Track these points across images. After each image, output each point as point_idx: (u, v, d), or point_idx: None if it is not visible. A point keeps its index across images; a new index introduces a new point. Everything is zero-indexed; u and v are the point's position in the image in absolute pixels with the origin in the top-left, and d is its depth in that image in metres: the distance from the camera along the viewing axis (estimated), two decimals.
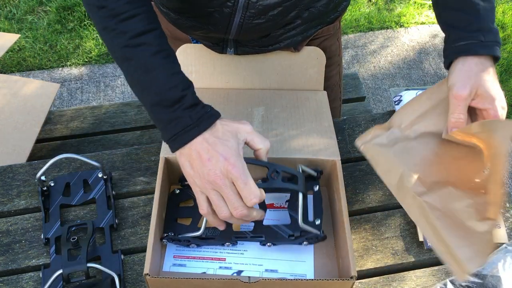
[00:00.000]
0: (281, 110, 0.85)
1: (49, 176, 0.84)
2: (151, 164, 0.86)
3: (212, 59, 0.88)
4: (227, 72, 0.89)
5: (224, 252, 0.73)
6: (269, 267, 0.71)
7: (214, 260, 0.72)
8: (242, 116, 0.83)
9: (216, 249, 0.73)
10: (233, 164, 0.59)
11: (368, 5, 2.49)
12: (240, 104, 0.86)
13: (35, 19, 2.28)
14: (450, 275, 0.73)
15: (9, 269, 0.74)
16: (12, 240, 0.76)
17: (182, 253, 0.72)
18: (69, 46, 2.19)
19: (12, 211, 0.80)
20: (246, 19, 0.75)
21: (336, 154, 0.76)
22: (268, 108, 0.85)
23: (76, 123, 1.29)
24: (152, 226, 0.66)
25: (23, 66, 2.12)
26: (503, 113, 0.66)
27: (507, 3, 2.48)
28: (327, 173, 0.78)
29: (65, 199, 0.80)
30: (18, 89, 1.32)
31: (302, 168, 0.73)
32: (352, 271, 0.62)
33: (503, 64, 2.23)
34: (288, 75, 0.89)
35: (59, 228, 0.76)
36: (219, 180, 0.59)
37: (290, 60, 0.88)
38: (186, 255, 0.72)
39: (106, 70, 2.15)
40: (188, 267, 0.71)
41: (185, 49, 0.87)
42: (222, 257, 0.72)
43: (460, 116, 0.67)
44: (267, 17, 0.76)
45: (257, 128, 0.80)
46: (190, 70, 0.88)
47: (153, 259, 0.65)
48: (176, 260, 0.72)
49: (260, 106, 0.86)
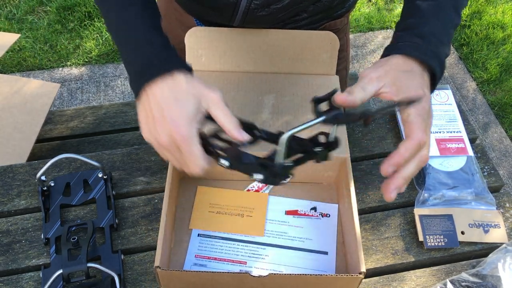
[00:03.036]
0: (292, 97, 0.83)
1: (49, 176, 0.84)
2: (151, 164, 0.86)
3: (223, 43, 0.85)
4: (238, 55, 0.86)
5: (246, 255, 0.73)
6: (290, 271, 0.71)
7: (235, 263, 0.72)
8: (252, 105, 0.81)
9: (238, 251, 0.73)
10: (179, 131, 0.56)
11: (368, 5, 2.49)
12: (250, 91, 0.84)
13: (35, 19, 2.28)
14: (450, 275, 0.73)
15: (9, 269, 0.74)
16: (12, 240, 0.76)
17: (204, 253, 0.73)
18: (69, 46, 2.19)
19: (12, 211, 0.80)
20: (251, 11, 0.76)
21: (346, 150, 0.75)
22: (279, 96, 0.83)
23: (76, 123, 1.29)
24: (162, 220, 0.67)
25: (23, 66, 2.12)
26: (424, 105, 0.55)
27: (507, 3, 2.48)
28: (338, 170, 0.77)
29: (65, 199, 0.80)
30: (18, 89, 1.32)
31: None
32: (361, 267, 0.62)
33: (502, 64, 2.23)
34: (300, 59, 0.86)
35: (59, 228, 0.76)
36: (167, 145, 0.57)
37: (303, 44, 0.85)
38: (208, 256, 0.73)
39: (106, 70, 2.15)
40: (209, 268, 0.72)
41: (194, 32, 0.84)
42: (243, 260, 0.72)
43: (353, 92, 0.55)
44: (271, 9, 0.76)
45: (266, 118, 0.79)
46: (200, 54, 0.86)
47: (163, 253, 0.65)
48: (198, 260, 0.72)
49: (271, 93, 0.83)
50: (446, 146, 0.83)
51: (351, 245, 0.68)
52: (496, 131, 2.03)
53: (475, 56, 2.27)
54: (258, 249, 0.74)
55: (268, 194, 0.80)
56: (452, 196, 0.79)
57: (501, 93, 2.15)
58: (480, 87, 2.18)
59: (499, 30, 2.37)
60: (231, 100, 0.78)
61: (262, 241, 0.74)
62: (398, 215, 0.80)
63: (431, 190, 0.79)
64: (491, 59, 2.25)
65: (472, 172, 0.81)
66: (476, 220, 0.77)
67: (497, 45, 2.31)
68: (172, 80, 0.57)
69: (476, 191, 0.79)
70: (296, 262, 0.73)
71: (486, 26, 2.38)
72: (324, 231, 0.76)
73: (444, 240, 0.75)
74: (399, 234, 0.78)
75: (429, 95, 0.57)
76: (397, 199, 0.82)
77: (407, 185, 0.61)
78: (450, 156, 0.82)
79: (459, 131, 0.85)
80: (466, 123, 0.90)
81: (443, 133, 0.85)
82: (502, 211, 0.80)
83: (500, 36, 2.33)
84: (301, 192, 0.80)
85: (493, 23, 2.39)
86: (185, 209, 0.78)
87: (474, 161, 0.82)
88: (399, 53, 0.58)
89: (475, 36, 2.35)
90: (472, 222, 0.77)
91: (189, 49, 0.85)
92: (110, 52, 2.19)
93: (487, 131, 2.03)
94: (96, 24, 2.26)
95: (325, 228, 0.76)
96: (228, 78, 0.86)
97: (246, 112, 0.80)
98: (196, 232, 0.75)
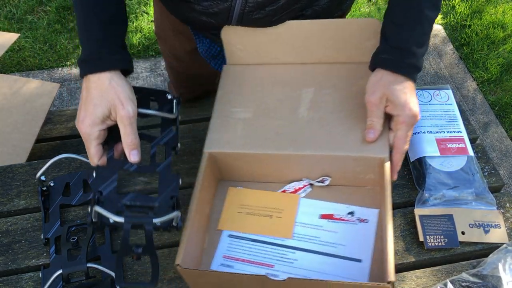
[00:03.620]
0: (332, 91, 0.80)
1: (49, 176, 0.84)
2: None
3: (259, 36, 0.83)
4: (276, 47, 0.84)
5: (274, 259, 0.71)
6: (317, 277, 0.68)
7: (262, 266, 0.71)
8: (289, 101, 0.79)
9: (266, 254, 0.72)
10: (81, 129, 0.64)
11: (368, 5, 2.49)
12: (289, 84, 0.82)
13: (35, 19, 2.28)
14: (451, 275, 0.73)
15: (9, 269, 0.73)
16: (12, 240, 0.76)
17: (232, 254, 0.72)
18: (69, 46, 2.19)
19: (12, 211, 0.80)
20: (246, 14, 0.76)
21: (386, 151, 0.71)
22: (318, 89, 0.80)
23: None
24: (189, 219, 0.66)
25: (23, 66, 2.12)
26: (412, 120, 0.70)
27: (507, 3, 2.48)
28: (377, 172, 0.74)
29: (65, 199, 0.80)
30: (18, 89, 1.31)
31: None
32: (390, 276, 0.59)
33: (503, 64, 2.23)
34: (341, 48, 0.83)
35: (59, 228, 0.76)
36: (80, 132, 0.66)
37: (344, 32, 0.82)
38: (236, 257, 0.72)
39: None
40: (236, 269, 0.71)
41: (227, 31, 0.83)
42: (270, 263, 0.71)
43: (372, 120, 0.71)
44: (266, 11, 0.76)
45: (302, 115, 0.77)
46: (238, 48, 0.85)
47: (186, 252, 0.64)
48: (225, 261, 0.72)
49: (310, 87, 0.81)
50: (446, 146, 0.83)
51: (383, 252, 0.66)
52: (497, 131, 2.03)
53: (476, 56, 2.27)
54: (287, 253, 0.72)
55: (299, 196, 0.78)
56: (453, 196, 0.79)
57: (501, 93, 2.15)
58: (480, 87, 2.18)
59: (500, 30, 2.36)
60: (268, 95, 0.78)
61: (292, 245, 0.73)
62: (398, 215, 0.80)
63: (432, 190, 0.79)
64: (491, 59, 2.25)
65: (473, 172, 0.81)
66: (477, 220, 0.77)
67: (497, 45, 2.31)
68: (98, 79, 0.65)
69: (476, 191, 0.79)
70: (325, 269, 0.70)
71: (486, 25, 2.38)
72: (359, 237, 0.72)
73: (444, 240, 0.75)
74: (399, 234, 0.78)
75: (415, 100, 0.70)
76: (397, 199, 0.82)
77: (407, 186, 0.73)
78: (450, 156, 0.82)
79: (460, 131, 0.85)
80: (466, 123, 0.90)
81: (444, 133, 0.85)
82: (503, 211, 0.80)
83: (501, 36, 2.33)
84: (339, 195, 0.77)
85: (494, 23, 2.39)
86: (220, 210, 0.77)
87: (475, 161, 0.82)
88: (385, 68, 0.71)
89: (476, 36, 2.34)
90: (472, 222, 0.77)
91: (226, 45, 0.84)
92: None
93: (487, 131, 2.03)
94: None
95: (361, 234, 0.73)
96: (267, 71, 0.84)
97: (282, 109, 0.79)
98: (227, 233, 0.75)
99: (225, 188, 0.80)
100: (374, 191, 0.77)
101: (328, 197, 0.77)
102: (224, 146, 0.75)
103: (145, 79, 2.13)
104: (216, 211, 0.77)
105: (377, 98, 0.70)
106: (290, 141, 0.74)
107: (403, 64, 0.70)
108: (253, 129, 0.77)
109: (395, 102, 0.69)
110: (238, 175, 0.80)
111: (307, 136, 0.75)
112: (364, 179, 0.76)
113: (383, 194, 0.69)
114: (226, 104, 0.81)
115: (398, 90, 0.69)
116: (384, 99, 0.70)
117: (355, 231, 0.73)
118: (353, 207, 0.76)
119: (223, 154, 0.75)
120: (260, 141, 0.75)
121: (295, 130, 0.76)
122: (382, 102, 0.70)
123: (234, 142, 0.75)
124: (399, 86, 0.69)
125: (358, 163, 0.73)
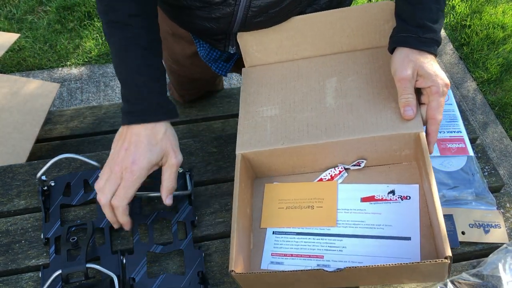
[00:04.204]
0: (356, 77, 0.80)
1: (49, 176, 0.84)
2: None
3: (275, 35, 0.83)
4: (295, 43, 0.84)
5: (322, 249, 0.71)
6: (370, 263, 0.67)
7: (312, 258, 0.70)
8: (314, 92, 0.79)
9: (314, 246, 0.71)
10: (132, 169, 0.67)
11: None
12: (311, 77, 0.82)
13: (35, 19, 2.27)
14: (451, 275, 0.73)
15: (9, 269, 0.73)
16: (11, 240, 0.76)
17: (279, 251, 0.72)
18: (69, 46, 2.19)
19: (12, 211, 0.80)
20: (249, 19, 0.76)
21: (419, 125, 0.72)
22: (341, 78, 0.80)
23: (76, 123, 1.29)
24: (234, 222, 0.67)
25: (23, 66, 2.12)
26: (444, 89, 0.70)
27: (507, 3, 2.48)
28: (415, 148, 0.74)
29: (66, 199, 0.80)
30: (18, 89, 1.31)
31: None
32: (447, 251, 0.58)
33: (503, 64, 2.23)
34: (360, 35, 0.83)
35: (59, 228, 0.76)
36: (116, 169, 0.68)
37: (361, 19, 0.82)
38: (284, 253, 0.72)
39: (106, 70, 2.15)
40: (286, 265, 0.70)
41: (242, 36, 0.83)
42: (320, 254, 0.70)
43: (408, 97, 0.71)
44: (269, 14, 0.76)
45: (330, 104, 0.77)
46: (255, 50, 0.85)
47: (237, 256, 0.64)
48: (274, 258, 0.71)
49: (333, 76, 0.81)
50: (446, 146, 0.83)
51: (436, 228, 0.64)
52: (497, 131, 2.03)
53: (476, 56, 2.27)
54: (334, 241, 0.71)
55: (337, 182, 0.77)
56: (453, 196, 0.79)
57: (501, 93, 2.15)
58: (480, 87, 2.18)
59: (500, 30, 2.36)
60: (291, 90, 0.78)
61: (338, 233, 0.72)
62: None
63: None
64: (491, 59, 2.25)
65: (473, 172, 0.80)
66: (477, 220, 0.77)
67: (497, 45, 2.31)
68: (153, 128, 0.69)
69: (476, 191, 0.79)
70: (376, 252, 0.68)
71: (486, 26, 2.38)
72: (405, 216, 0.71)
73: None
74: None
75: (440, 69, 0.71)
76: None
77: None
78: (450, 156, 0.82)
79: (460, 131, 0.85)
80: (466, 123, 0.90)
81: (444, 133, 0.85)
82: (503, 211, 0.80)
83: (501, 36, 2.33)
84: (376, 176, 0.77)
85: (494, 23, 2.39)
86: (259, 208, 0.77)
87: (475, 161, 0.82)
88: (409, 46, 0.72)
89: (476, 36, 2.34)
90: (472, 222, 0.77)
91: (243, 47, 0.84)
92: (109, 52, 2.19)
93: (487, 131, 2.03)
94: (95, 24, 2.26)
95: (406, 212, 0.71)
96: (287, 68, 0.84)
97: (309, 101, 0.79)
98: (271, 230, 0.74)
99: (261, 185, 0.80)
100: (411, 166, 0.76)
101: (366, 179, 0.77)
102: (256, 145, 0.75)
103: None
104: (256, 210, 0.77)
105: (409, 74, 0.70)
106: (323, 130, 0.74)
107: (425, 40, 0.72)
108: (282, 124, 0.77)
109: (426, 75, 0.70)
110: (272, 171, 0.79)
111: (338, 122, 0.75)
112: (400, 156, 0.76)
113: (423, 168, 0.69)
114: (251, 105, 0.81)
115: (426, 63, 0.71)
116: (415, 74, 0.71)
117: (399, 209, 0.72)
118: (393, 185, 0.75)
119: (255, 153, 0.75)
120: (292, 135, 0.75)
121: (326, 119, 0.75)
122: (414, 77, 0.71)
123: (265, 140, 0.76)
124: (426, 59, 0.71)
125: (393, 141, 0.73)
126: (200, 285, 0.70)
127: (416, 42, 0.72)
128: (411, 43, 0.72)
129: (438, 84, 0.70)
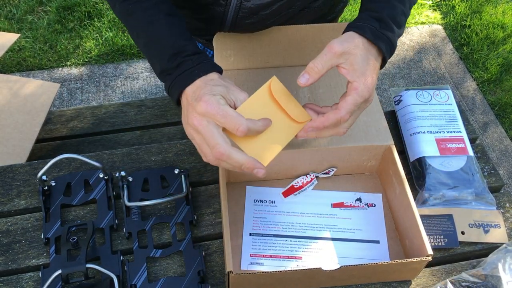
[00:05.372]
0: (326, 90, 0.83)
1: (49, 176, 0.84)
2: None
3: (250, 41, 0.85)
4: (267, 52, 0.86)
5: (300, 251, 0.74)
6: (346, 263, 0.72)
7: (291, 259, 0.74)
8: None
9: (292, 247, 0.74)
10: (207, 102, 0.59)
11: None
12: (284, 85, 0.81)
13: (35, 19, 2.28)
14: (450, 275, 0.73)
15: (9, 269, 0.74)
16: (12, 240, 0.76)
17: (258, 252, 0.74)
18: (69, 46, 2.19)
19: (12, 211, 0.80)
20: (239, 19, 0.76)
21: (389, 138, 0.77)
22: (313, 89, 0.83)
23: (76, 123, 1.29)
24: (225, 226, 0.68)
25: (23, 66, 2.12)
26: (364, 93, 0.63)
27: (507, 3, 2.48)
28: (380, 159, 0.79)
29: (66, 199, 0.80)
30: (18, 89, 1.32)
31: None
32: (428, 249, 0.65)
33: (503, 64, 2.23)
34: None
35: (59, 228, 0.76)
36: (196, 121, 0.60)
37: (332, 36, 0.83)
38: (263, 254, 0.74)
39: (106, 70, 2.15)
40: (266, 265, 0.73)
41: (218, 37, 0.84)
42: (298, 255, 0.74)
43: (317, 64, 0.63)
44: (259, 16, 0.76)
45: None
46: (229, 54, 0.86)
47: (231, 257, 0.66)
48: (253, 259, 0.73)
49: (304, 87, 0.82)
50: (446, 146, 0.83)
51: (409, 231, 0.71)
52: (496, 131, 2.03)
53: (475, 56, 2.27)
54: (311, 244, 0.75)
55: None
56: (452, 196, 0.79)
57: (501, 93, 2.15)
58: (480, 87, 2.18)
59: (499, 30, 2.36)
60: None
61: (314, 235, 0.76)
62: None
63: (431, 190, 0.79)
64: (491, 59, 2.25)
65: (472, 172, 0.81)
66: (476, 220, 0.77)
67: (497, 45, 2.31)
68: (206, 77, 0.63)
69: (476, 191, 0.79)
70: (350, 253, 0.74)
71: (486, 26, 2.38)
72: (372, 221, 0.78)
73: (444, 240, 0.75)
74: None
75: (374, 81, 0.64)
76: None
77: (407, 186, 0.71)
78: (450, 156, 0.82)
79: (459, 131, 0.85)
80: (466, 123, 0.90)
81: (443, 133, 0.85)
82: (502, 211, 0.80)
83: (500, 36, 2.33)
84: (344, 184, 0.82)
85: (493, 23, 2.39)
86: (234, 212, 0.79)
87: (474, 161, 0.82)
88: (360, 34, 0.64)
89: (475, 36, 2.34)
90: (472, 222, 0.77)
91: (217, 50, 0.85)
92: (109, 52, 2.19)
93: (487, 131, 2.03)
94: (96, 24, 2.26)
95: (373, 218, 0.78)
96: (259, 75, 0.86)
97: None
98: (247, 232, 0.76)
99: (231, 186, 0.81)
100: (373, 177, 0.83)
101: (334, 187, 0.82)
102: None
103: (145, 79, 2.13)
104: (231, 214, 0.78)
105: (339, 49, 0.62)
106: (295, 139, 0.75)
107: (380, 34, 0.65)
108: None
109: (355, 67, 0.62)
110: (246, 176, 0.81)
111: None
112: (366, 166, 0.81)
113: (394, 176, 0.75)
114: None
115: (365, 59, 0.63)
116: (345, 57, 0.63)
117: (366, 215, 0.79)
118: (359, 193, 0.81)
119: None
120: None
121: None
122: (341, 56, 0.62)
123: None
124: (368, 56, 0.63)
125: (365, 152, 0.77)
126: (201, 284, 0.70)
127: (370, 33, 0.64)
128: (366, 31, 0.64)
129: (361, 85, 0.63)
